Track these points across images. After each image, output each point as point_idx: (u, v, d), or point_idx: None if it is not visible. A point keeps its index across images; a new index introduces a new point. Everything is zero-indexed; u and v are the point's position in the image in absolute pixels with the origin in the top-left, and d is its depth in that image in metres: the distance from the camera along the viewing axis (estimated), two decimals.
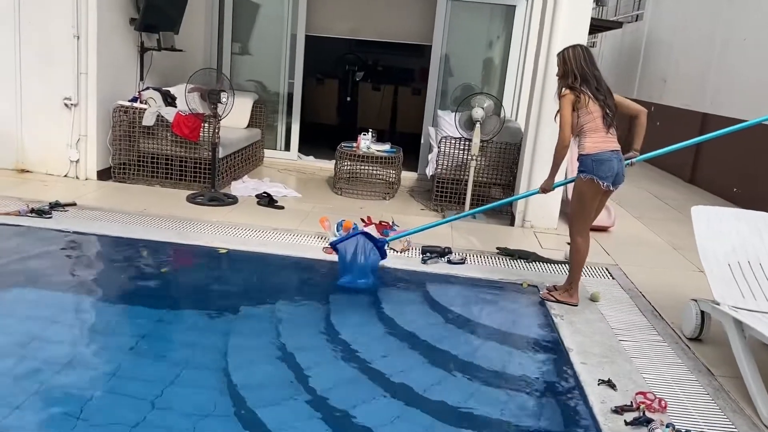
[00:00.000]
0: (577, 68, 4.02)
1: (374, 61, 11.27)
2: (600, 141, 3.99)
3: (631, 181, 9.58)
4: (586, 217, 4.17)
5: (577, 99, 3.97)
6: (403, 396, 3.16)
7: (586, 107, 3.97)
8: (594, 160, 3.97)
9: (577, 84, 3.99)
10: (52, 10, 5.96)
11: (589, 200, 4.10)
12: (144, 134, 6.36)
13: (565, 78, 4.07)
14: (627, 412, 2.89)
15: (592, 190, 4.04)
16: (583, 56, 4.05)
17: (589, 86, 3.99)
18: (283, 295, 4.17)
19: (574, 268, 4.21)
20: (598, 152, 3.97)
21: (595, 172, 3.97)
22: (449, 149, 6.54)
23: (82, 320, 3.70)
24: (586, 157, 4.00)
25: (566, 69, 4.06)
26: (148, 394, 2.90)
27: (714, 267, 3.65)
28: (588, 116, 3.98)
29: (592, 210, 4.19)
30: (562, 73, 4.10)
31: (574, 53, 4.07)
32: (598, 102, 3.98)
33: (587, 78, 4.00)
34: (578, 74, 4.01)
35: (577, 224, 4.19)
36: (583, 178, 4.02)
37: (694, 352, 3.64)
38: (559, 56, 4.15)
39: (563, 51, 4.14)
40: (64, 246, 4.55)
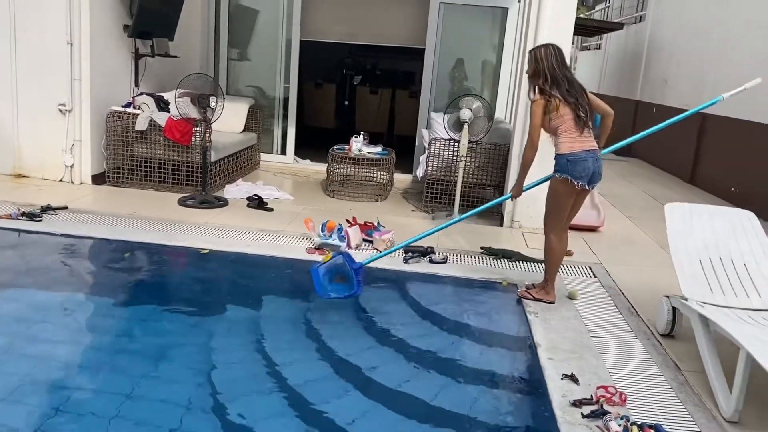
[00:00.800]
0: (548, 69, 4.01)
1: (372, 65, 11.36)
2: (574, 141, 4.00)
3: (630, 181, 9.62)
4: (559, 215, 4.19)
5: (548, 103, 3.97)
6: (375, 392, 3.22)
7: (557, 110, 3.97)
8: (569, 159, 3.99)
9: (547, 86, 3.99)
10: (47, 18, 6.10)
11: (564, 199, 4.12)
12: (137, 139, 6.47)
13: (536, 78, 4.06)
14: (586, 405, 2.91)
15: (567, 190, 4.06)
16: (555, 56, 4.03)
17: (560, 88, 3.98)
18: (262, 294, 4.24)
19: (550, 266, 4.23)
20: (572, 152, 3.98)
21: (570, 171, 3.98)
22: (439, 150, 6.59)
23: (58, 318, 3.76)
24: (560, 156, 4.03)
25: (537, 68, 4.05)
26: (122, 390, 2.97)
27: (684, 263, 3.66)
28: (560, 119, 3.98)
29: (566, 209, 4.20)
30: (532, 72, 4.10)
31: (546, 52, 4.05)
32: (569, 105, 3.98)
33: (558, 80, 3.99)
34: (549, 75, 4.00)
35: (550, 222, 4.21)
36: (558, 178, 4.04)
37: (664, 348, 3.66)
38: (530, 54, 4.13)
39: (535, 49, 4.13)
40: (50, 248, 4.66)
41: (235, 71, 8.47)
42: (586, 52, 19.70)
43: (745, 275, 3.61)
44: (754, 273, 3.61)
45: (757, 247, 3.73)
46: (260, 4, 8.32)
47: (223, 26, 8.25)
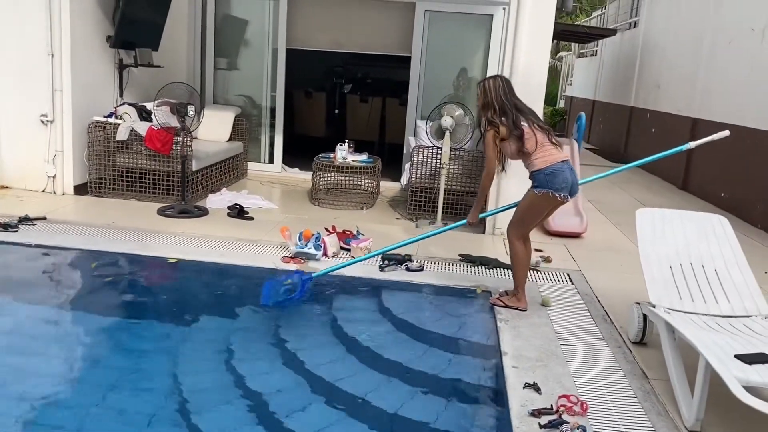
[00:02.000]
0: (496, 100, 4.08)
1: (362, 74, 11.35)
2: (547, 155, 4.00)
3: (622, 188, 9.55)
4: (528, 225, 4.22)
5: (496, 133, 4.04)
6: (340, 402, 3.18)
7: (510, 132, 4.02)
8: (546, 174, 3.96)
9: (496, 117, 4.06)
10: (28, 29, 6.11)
11: (538, 212, 4.16)
12: (119, 149, 6.47)
13: (485, 109, 4.12)
14: (545, 415, 2.86)
15: (547, 204, 4.06)
16: (503, 87, 4.11)
17: (508, 118, 4.04)
18: (229, 303, 4.20)
19: (518, 272, 4.20)
20: (548, 165, 3.97)
21: (550, 185, 3.95)
22: (422, 158, 6.56)
23: (21, 328, 3.74)
24: (538, 173, 3.99)
25: (486, 101, 4.11)
26: (83, 401, 2.95)
27: (654, 269, 3.61)
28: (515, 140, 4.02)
29: (536, 220, 4.27)
30: (482, 104, 4.15)
31: (494, 84, 4.13)
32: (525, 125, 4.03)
33: (506, 110, 4.06)
34: (497, 107, 4.07)
35: (518, 229, 4.19)
36: (538, 193, 3.99)
37: (634, 355, 3.60)
38: (479, 86, 4.20)
39: (484, 81, 4.19)
40: (22, 258, 4.64)
41: (222, 80, 8.47)
42: (582, 59, 19.69)
43: (715, 281, 3.55)
44: (724, 279, 3.55)
45: (728, 253, 3.67)
46: (246, 13, 8.32)
47: (210, 36, 8.26)
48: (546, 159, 3.98)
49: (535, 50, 5.73)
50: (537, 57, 5.76)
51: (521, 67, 5.74)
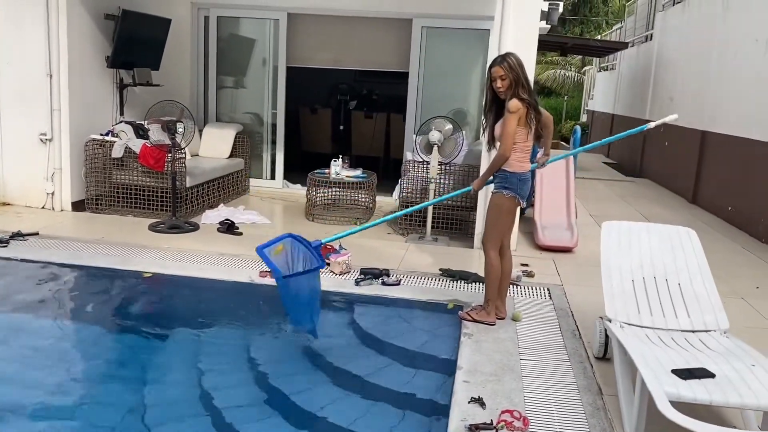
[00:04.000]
0: (524, 77, 3.87)
1: (366, 90, 11.44)
2: (524, 161, 3.99)
3: (629, 202, 9.39)
4: (502, 232, 4.14)
5: (528, 114, 3.85)
6: (296, 417, 3.19)
7: (530, 125, 3.89)
8: (520, 179, 3.96)
9: (525, 94, 3.84)
10: (28, 51, 6.33)
11: (509, 216, 4.13)
12: (116, 166, 6.62)
13: (515, 87, 3.83)
14: (482, 430, 2.81)
15: (514, 207, 4.06)
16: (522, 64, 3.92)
17: (532, 98, 3.89)
18: (197, 316, 4.26)
19: (489, 285, 4.13)
20: (523, 172, 3.97)
21: (518, 191, 3.97)
22: (413, 173, 6.56)
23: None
24: (512, 175, 3.95)
25: (516, 76, 3.82)
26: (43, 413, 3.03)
27: (615, 282, 3.54)
28: (523, 136, 3.91)
29: (509, 226, 4.19)
30: (511, 82, 3.84)
31: (518, 60, 3.89)
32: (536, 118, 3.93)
33: (531, 89, 3.92)
34: (526, 83, 3.87)
35: (493, 240, 4.12)
36: (506, 195, 3.98)
37: (594, 371, 3.52)
38: (503, 65, 3.86)
39: (507, 58, 3.89)
40: (2, 271, 4.75)
41: (224, 98, 8.62)
42: (603, 73, 19.50)
43: (677, 294, 3.47)
44: (686, 292, 3.46)
45: (693, 266, 3.58)
46: (248, 32, 8.48)
47: (212, 54, 8.43)
48: (524, 165, 3.98)
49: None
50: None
51: None
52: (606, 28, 26.97)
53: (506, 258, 4.23)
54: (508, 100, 3.87)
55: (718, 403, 2.51)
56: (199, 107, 8.47)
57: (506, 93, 3.90)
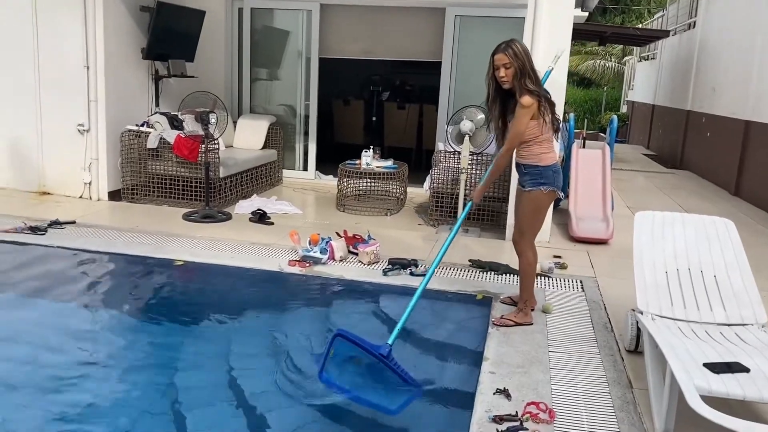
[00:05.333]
0: (530, 66, 3.63)
1: (399, 81, 11.37)
2: (552, 152, 3.88)
3: (668, 194, 9.15)
4: (538, 229, 4.05)
5: (540, 107, 3.67)
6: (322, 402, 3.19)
7: (544, 117, 3.71)
8: (554, 171, 3.85)
9: (533, 86, 3.63)
10: (66, 44, 6.46)
11: (545, 213, 4.02)
12: (151, 156, 6.72)
13: (521, 77, 3.62)
14: (507, 421, 2.76)
15: (550, 201, 3.95)
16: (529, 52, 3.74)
17: (541, 89, 3.72)
18: (228, 304, 4.30)
19: (527, 286, 3.97)
20: (554, 163, 3.86)
21: (555, 183, 3.85)
22: (444, 163, 6.50)
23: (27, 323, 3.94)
24: (546, 168, 3.80)
25: (521, 65, 3.60)
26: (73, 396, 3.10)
27: (648, 274, 3.44)
28: (545, 126, 3.76)
29: (543, 222, 4.10)
30: (516, 71, 3.62)
31: (524, 48, 3.65)
32: (551, 108, 3.78)
33: (539, 79, 3.72)
34: (532, 73, 3.62)
35: (530, 239, 3.97)
36: (544, 191, 3.82)
37: (625, 364, 3.44)
38: (507, 51, 3.63)
39: (511, 45, 3.66)
40: (40, 258, 4.88)
41: (258, 90, 8.67)
42: (643, 63, 19.04)
43: (713, 287, 3.36)
44: (723, 285, 3.35)
45: (730, 258, 3.46)
46: (281, 23, 8.50)
47: (246, 46, 8.48)
48: (552, 155, 3.85)
49: (554, 50, 5.58)
50: None
51: (538, 69, 5.60)
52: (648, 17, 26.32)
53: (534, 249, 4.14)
54: (519, 94, 3.66)
55: (752, 398, 2.42)
56: (233, 99, 8.54)
57: (511, 83, 3.69)
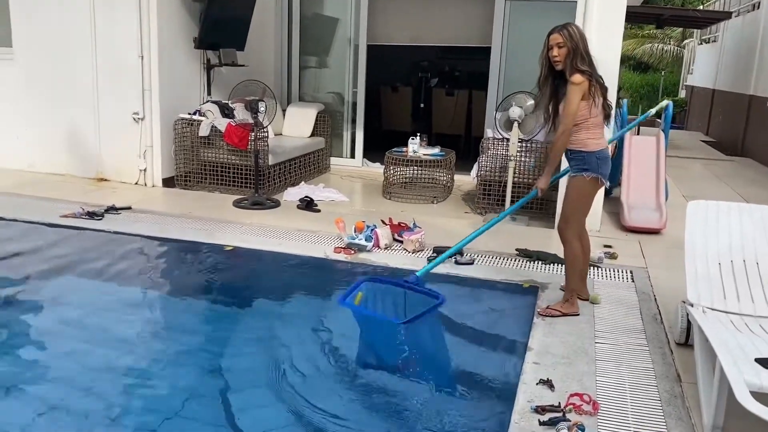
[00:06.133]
0: (584, 48, 3.62)
1: (447, 67, 11.26)
2: (601, 138, 3.80)
3: (726, 182, 8.83)
4: (583, 218, 3.95)
5: (591, 87, 3.63)
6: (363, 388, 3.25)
7: (594, 99, 3.66)
8: (599, 158, 3.76)
9: (585, 66, 3.60)
10: (120, 34, 6.64)
11: (590, 201, 3.91)
12: (203, 144, 6.87)
13: (571, 57, 3.62)
14: (549, 412, 2.74)
15: (594, 189, 3.86)
16: (586, 38, 3.70)
17: (595, 71, 3.67)
18: (274, 289, 4.40)
19: (574, 275, 3.92)
20: (601, 149, 3.78)
21: (600, 170, 3.77)
22: (492, 150, 6.44)
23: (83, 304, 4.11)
24: (590, 154, 3.74)
25: (573, 47, 3.60)
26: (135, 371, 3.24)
27: (700, 265, 3.35)
28: (595, 109, 3.70)
29: (588, 210, 3.97)
30: (569, 51, 3.62)
31: (580, 31, 3.66)
32: (602, 92, 3.72)
33: (591, 61, 3.66)
34: (586, 55, 3.61)
35: (575, 227, 3.91)
36: (587, 177, 3.76)
37: (674, 357, 3.35)
38: (562, 33, 3.64)
39: (566, 27, 3.68)
40: (97, 242, 5.07)
41: (307, 78, 8.74)
42: (703, 46, 18.34)
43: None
44: None
45: None
46: (330, 10, 8.54)
47: (295, 34, 8.55)
48: (600, 141, 3.77)
49: (605, 35, 5.47)
50: (608, 42, 5.49)
51: (592, 52, 5.47)
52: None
53: (585, 239, 4.06)
54: (569, 73, 3.63)
55: None
56: (282, 87, 8.64)
57: (563, 63, 3.67)
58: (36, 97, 7.16)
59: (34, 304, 4.03)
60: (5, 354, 3.39)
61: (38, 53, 7.08)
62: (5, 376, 3.15)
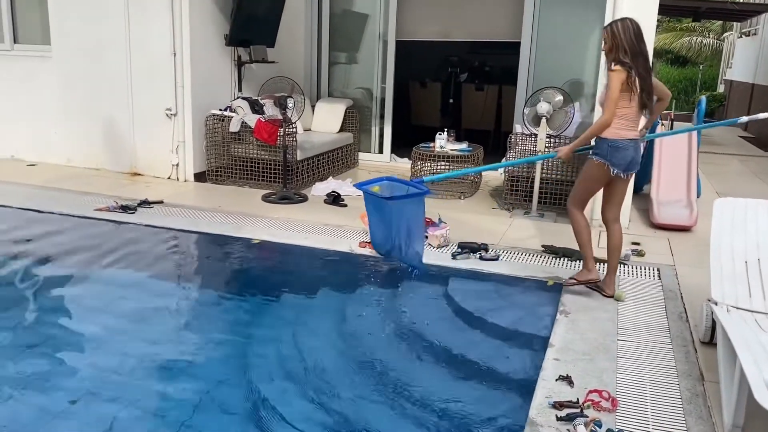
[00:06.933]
0: (626, 42, 3.80)
1: (476, 62, 11.20)
2: (622, 128, 3.87)
3: (762, 178, 8.61)
4: (586, 196, 4.21)
5: (628, 76, 3.77)
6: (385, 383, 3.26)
7: (632, 88, 3.80)
8: (610, 145, 3.89)
9: (627, 59, 3.78)
10: (154, 32, 6.79)
11: (596, 183, 4.09)
12: (234, 140, 6.98)
13: (614, 52, 3.87)
14: (567, 407, 2.74)
15: (601, 175, 3.98)
16: (633, 30, 3.84)
17: (637, 64, 3.81)
18: (299, 283, 4.45)
19: (581, 245, 4.19)
20: (616, 138, 3.88)
21: (609, 157, 3.90)
22: (520, 146, 6.41)
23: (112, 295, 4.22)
24: (602, 141, 3.91)
25: (615, 43, 3.84)
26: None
27: (725, 263, 3.31)
28: (625, 101, 3.82)
29: (594, 193, 4.21)
30: (609, 48, 3.89)
31: (623, 26, 3.85)
32: (642, 87, 3.82)
33: (636, 54, 3.81)
34: (628, 49, 3.80)
35: (576, 203, 4.17)
36: (595, 161, 3.95)
37: (698, 356, 3.32)
38: (606, 29, 3.95)
39: (612, 23, 3.94)
40: (130, 235, 5.21)
41: (336, 74, 8.80)
42: (743, 39, 17.88)
43: None
44: None
45: None
46: (359, 6, 8.58)
47: (325, 30, 8.62)
48: (619, 132, 3.88)
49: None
50: None
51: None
52: None
53: (615, 232, 4.15)
54: (609, 65, 3.86)
55: None
56: (312, 83, 8.71)
57: (608, 56, 3.94)
58: (73, 93, 7.38)
59: (63, 295, 4.19)
60: (42, 342, 3.52)
61: (75, 51, 7.28)
62: (40, 364, 3.27)
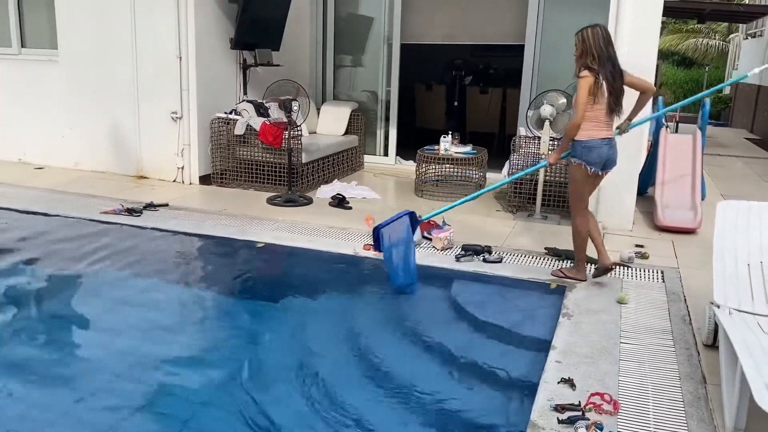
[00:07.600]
0: (595, 48, 4.06)
1: (481, 65, 11.21)
2: (592, 129, 4.15)
3: (766, 180, 8.58)
4: (581, 200, 4.36)
5: (596, 82, 4.02)
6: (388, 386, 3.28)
7: (600, 92, 4.04)
8: (584, 146, 4.14)
9: (595, 65, 4.04)
10: (159, 35, 6.84)
11: (582, 184, 4.31)
12: (238, 143, 7.01)
13: (583, 58, 4.12)
14: (568, 410, 2.75)
15: (582, 175, 4.23)
16: (602, 36, 4.11)
17: (605, 69, 4.06)
18: (302, 285, 4.47)
19: (576, 249, 4.42)
20: (588, 139, 4.13)
21: (584, 157, 4.16)
22: (524, 149, 6.42)
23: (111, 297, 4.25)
24: (577, 143, 4.17)
25: (584, 48, 4.10)
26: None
27: (728, 265, 3.31)
28: (596, 105, 4.07)
29: (585, 193, 4.37)
30: (580, 53, 4.14)
31: (593, 32, 4.11)
32: (610, 91, 4.08)
33: (603, 60, 4.07)
34: (596, 54, 4.05)
35: (574, 207, 4.37)
36: (574, 163, 4.23)
37: (700, 359, 3.32)
38: (577, 36, 4.18)
39: (582, 30, 4.16)
40: (133, 237, 5.24)
41: (341, 77, 8.83)
42: (749, 41, 17.83)
43: None
44: None
45: None
46: (364, 9, 8.61)
47: (330, 34, 8.65)
48: (590, 133, 4.12)
49: (640, 30, 5.43)
50: (643, 37, 5.45)
51: (625, 49, 5.42)
52: None
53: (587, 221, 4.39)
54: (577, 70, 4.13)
55: None
56: (317, 86, 8.75)
57: (577, 62, 4.18)
58: (80, 97, 7.43)
59: (68, 296, 4.23)
60: (44, 343, 3.55)
61: (82, 55, 7.34)
62: (43, 364, 3.31)
